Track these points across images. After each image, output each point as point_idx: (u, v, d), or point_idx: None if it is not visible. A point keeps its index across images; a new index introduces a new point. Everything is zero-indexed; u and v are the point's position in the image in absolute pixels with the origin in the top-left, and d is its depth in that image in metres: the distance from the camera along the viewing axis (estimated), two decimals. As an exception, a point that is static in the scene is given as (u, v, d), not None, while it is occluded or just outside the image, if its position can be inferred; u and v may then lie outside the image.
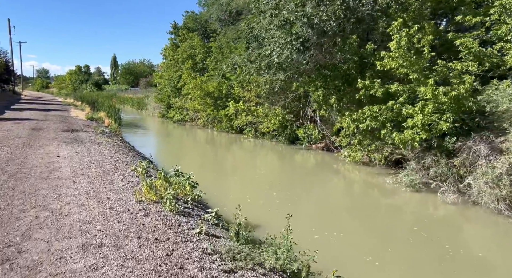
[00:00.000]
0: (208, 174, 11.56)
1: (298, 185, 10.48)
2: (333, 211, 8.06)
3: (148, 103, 37.48)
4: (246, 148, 18.17)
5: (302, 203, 8.25)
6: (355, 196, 9.88)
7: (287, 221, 4.19)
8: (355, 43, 11.37)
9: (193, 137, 21.59)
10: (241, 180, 10.88)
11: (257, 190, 9.29)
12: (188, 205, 5.76)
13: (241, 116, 20.88)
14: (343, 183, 11.37)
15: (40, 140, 10.54)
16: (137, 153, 11.33)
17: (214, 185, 8.83)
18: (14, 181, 6.08)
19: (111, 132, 15.95)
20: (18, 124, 14.16)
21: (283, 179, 11.13)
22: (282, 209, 7.23)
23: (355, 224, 7.18)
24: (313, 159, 15.32)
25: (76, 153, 8.91)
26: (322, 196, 9.50)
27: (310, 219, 7.16)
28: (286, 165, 13.83)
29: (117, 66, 75.27)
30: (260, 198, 8.30)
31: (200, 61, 24.97)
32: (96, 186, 6.05)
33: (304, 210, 7.73)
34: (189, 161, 13.57)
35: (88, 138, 11.69)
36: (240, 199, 8.02)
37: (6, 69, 33.92)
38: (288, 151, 17.06)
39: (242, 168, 13.17)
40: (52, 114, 19.85)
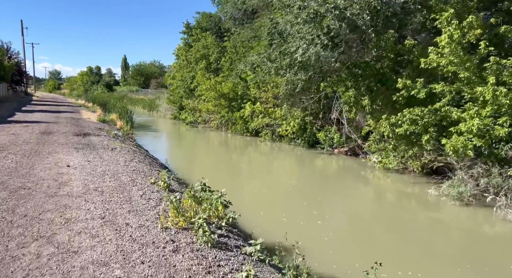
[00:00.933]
0: (227, 181, 10.48)
1: (327, 194, 9.34)
2: (370, 226, 6.90)
3: (160, 105, 36.63)
4: (264, 152, 17.08)
5: (337, 218, 7.11)
6: (391, 208, 8.69)
7: (349, 254, 3.07)
8: (392, 39, 10.20)
9: (207, 140, 20.58)
10: (264, 189, 9.77)
11: (287, 204, 8.18)
12: (223, 232, 4.68)
13: (257, 118, 19.83)
14: (375, 193, 10.19)
15: (49, 146, 9.60)
16: (153, 160, 10.32)
17: (237, 197, 7.73)
18: (15, 199, 5.07)
19: (124, 136, 15.01)
20: (27, 127, 13.29)
21: (310, 188, 9.98)
22: (326, 230, 6.11)
23: (397, 243, 6.02)
24: (337, 164, 14.15)
25: (88, 162, 7.91)
26: (354, 207, 8.33)
27: (352, 238, 6.03)
28: (309, 171, 12.69)
29: (127, 67, 74.94)
30: (295, 215, 7.19)
31: (214, 61, 23.95)
32: (112, 206, 5.02)
33: (345, 227, 6.60)
34: (206, 167, 12.52)
35: (101, 143, 10.73)
36: (274, 217, 6.92)
37: (18, 71, 33.42)
38: (308, 156, 15.94)
39: (263, 174, 12.07)
40: (63, 116, 19.03)
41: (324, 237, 5.93)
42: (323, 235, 6.03)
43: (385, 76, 11.26)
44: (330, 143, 16.24)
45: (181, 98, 28.82)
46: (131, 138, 16.13)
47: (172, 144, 18.65)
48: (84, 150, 9.32)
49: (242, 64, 17.34)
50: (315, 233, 6.15)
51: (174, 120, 30.15)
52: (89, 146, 10.01)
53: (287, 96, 16.49)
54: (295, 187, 10.00)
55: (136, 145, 13.23)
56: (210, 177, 11.07)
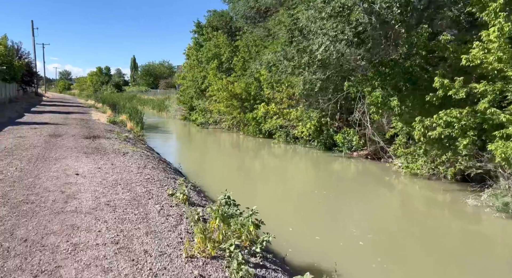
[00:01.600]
0: (244, 188, 9.71)
1: (351, 201, 8.47)
2: (404, 239, 6.04)
3: (169, 105, 36.06)
4: (278, 154, 16.28)
5: (370, 231, 6.26)
6: (423, 218, 7.81)
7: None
8: (426, 34, 9.31)
9: (219, 142, 19.85)
10: (283, 196, 8.94)
11: (311, 214, 7.35)
12: (258, 260, 3.91)
13: (271, 119, 19.04)
14: (402, 201, 9.32)
15: (57, 151, 8.94)
16: (167, 165, 9.60)
17: (260, 207, 6.97)
18: (16, 217, 4.37)
19: (135, 138, 14.36)
20: (35, 130, 12.70)
21: (333, 195, 9.11)
22: (364, 249, 5.27)
23: (435, 260, 5.17)
24: (357, 168, 13.29)
25: (99, 169, 7.21)
26: (383, 218, 7.48)
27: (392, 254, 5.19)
28: (329, 176, 11.84)
29: (136, 68, 74.78)
30: (325, 229, 6.39)
31: (226, 60, 23.21)
32: (127, 227, 4.28)
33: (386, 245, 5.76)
34: (220, 171, 11.77)
35: (111, 147, 10.05)
36: (301, 231, 6.12)
37: (28, 71, 33.13)
38: (325, 159, 15.13)
39: (280, 179, 11.25)
40: (72, 117, 18.48)
41: (364, 257, 5.11)
42: (362, 255, 5.21)
43: (414, 75, 10.38)
44: (348, 146, 15.40)
45: (191, 98, 28.16)
46: (142, 140, 15.49)
47: (184, 147, 17.97)
48: (94, 155, 8.62)
49: (258, 63, 16.55)
50: (353, 253, 5.33)
51: (184, 121, 29.52)
52: (99, 151, 9.32)
53: (304, 97, 15.68)
54: (316, 194, 9.17)
55: (147, 148, 12.55)
56: (225, 183, 10.28)
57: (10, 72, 26.37)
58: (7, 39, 28.38)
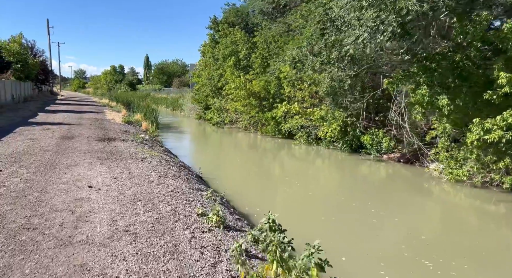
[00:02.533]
0: (268, 193, 8.62)
1: (388, 211, 7.25)
2: (458, 259, 4.83)
3: (184, 104, 35.19)
4: (300, 156, 15.12)
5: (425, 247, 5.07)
6: (477, 232, 6.58)
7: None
8: (485, 23, 8.01)
9: (237, 143, 18.78)
10: (314, 206, 7.77)
11: (341, 226, 6.21)
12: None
13: (292, 119, 17.89)
14: (446, 211, 8.07)
15: (69, 156, 7.99)
16: (188, 172, 8.56)
17: (287, 217, 5.85)
18: (10, 253, 3.35)
19: (151, 139, 13.41)
20: (48, 131, 11.85)
21: (366, 203, 7.90)
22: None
23: None
24: (389, 173, 12.07)
25: (115, 179, 6.20)
26: (425, 230, 6.25)
27: None
28: (358, 181, 10.62)
29: (149, 66, 74.41)
30: (358, 248, 5.23)
31: (244, 58, 22.08)
32: (153, 268, 3.22)
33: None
34: (241, 175, 10.67)
35: (128, 151, 9.07)
36: (332, 250, 4.95)
37: (43, 69, 32.67)
38: (352, 161, 13.94)
39: (307, 185, 10.07)
40: (86, 117, 17.68)
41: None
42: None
43: (465, 70, 9.07)
44: (377, 148, 14.16)
45: (206, 97, 27.17)
46: (158, 141, 14.55)
47: (201, 148, 16.96)
48: (110, 161, 7.64)
49: (280, 59, 15.38)
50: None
51: (199, 120, 28.58)
52: (115, 155, 8.34)
53: (332, 95, 14.45)
54: (344, 201, 7.99)
55: (165, 151, 11.57)
56: (249, 188, 9.15)
57: (24, 70, 25.84)
58: (22, 37, 27.90)
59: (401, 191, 9.69)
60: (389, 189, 9.98)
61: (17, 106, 20.23)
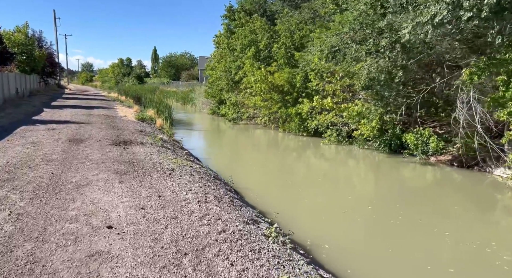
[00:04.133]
0: (315, 209, 6.72)
1: (444, 226, 5.38)
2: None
3: (195, 98, 33.28)
4: (332, 157, 13.20)
5: None
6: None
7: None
8: None
9: (259, 142, 16.88)
10: (353, 212, 5.93)
11: (385, 241, 4.35)
12: None
13: (321, 115, 15.95)
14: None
15: (79, 169, 6.17)
16: (225, 187, 6.71)
17: (333, 233, 4.03)
18: None
19: (170, 140, 11.59)
20: (53, 132, 10.03)
21: (413, 213, 6.03)
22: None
23: None
24: (440, 178, 10.15)
25: (142, 210, 4.37)
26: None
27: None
28: (405, 188, 8.73)
29: (157, 59, 72.37)
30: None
31: (264, 48, 20.02)
32: None
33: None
34: (278, 185, 8.74)
35: (150, 160, 7.23)
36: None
37: (50, 62, 30.78)
38: (393, 164, 12.11)
39: (344, 189, 8.19)
40: (96, 113, 15.85)
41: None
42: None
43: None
44: (423, 149, 12.27)
45: (220, 91, 25.23)
46: (177, 142, 12.75)
47: (222, 148, 15.07)
48: (131, 177, 5.80)
49: (316, 48, 13.35)
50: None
51: (212, 115, 26.71)
52: (135, 167, 6.50)
53: (373, 88, 12.47)
54: (391, 212, 6.10)
55: (188, 156, 9.75)
56: (297, 208, 7.26)
57: (30, 62, 23.98)
58: (27, 27, 25.95)
59: (460, 202, 7.82)
60: (445, 198, 8.08)
61: (21, 101, 18.45)
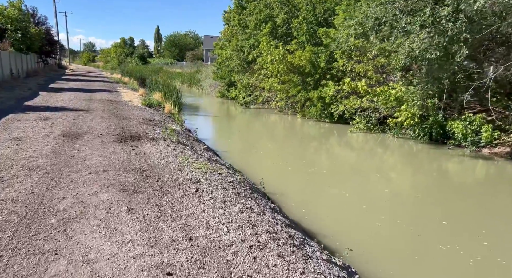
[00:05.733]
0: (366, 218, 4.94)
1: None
2: None
3: (202, 80, 31.05)
4: (367, 148, 11.33)
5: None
6: None
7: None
8: None
9: (279, 130, 14.98)
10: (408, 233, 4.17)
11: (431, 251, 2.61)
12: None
13: (349, 99, 14.03)
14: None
15: (71, 184, 4.37)
16: (273, 207, 4.95)
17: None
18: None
19: (184, 131, 9.75)
20: (45, 122, 8.19)
21: (483, 222, 4.27)
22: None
23: None
24: (496, 173, 8.35)
25: (169, 276, 2.64)
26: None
27: None
28: (456, 184, 6.92)
29: (160, 39, 69.17)
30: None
31: (282, 23, 17.71)
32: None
33: None
34: (312, 183, 6.95)
35: (167, 165, 5.42)
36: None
37: (48, 40, 28.37)
38: (436, 156, 10.48)
39: (387, 183, 6.37)
40: (98, 97, 13.90)
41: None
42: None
43: None
44: (473, 139, 10.56)
45: (230, 72, 23.08)
46: (188, 130, 10.93)
47: (240, 139, 13.19)
48: (144, 199, 4.01)
49: (355, 22, 11.18)
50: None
51: (221, 98, 24.68)
52: (149, 179, 4.70)
53: (426, 67, 10.49)
54: (438, 213, 4.34)
55: (207, 150, 7.94)
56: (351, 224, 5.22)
57: (25, 40, 21.74)
58: (22, 2, 23.47)
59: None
60: (500, 197, 6.29)
61: (16, 83, 16.47)
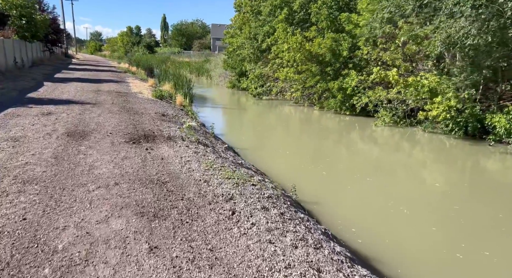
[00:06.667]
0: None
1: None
2: None
3: (211, 70, 29.86)
4: (395, 143, 10.26)
5: None
6: None
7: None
8: None
9: (296, 123, 13.93)
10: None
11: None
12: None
13: (375, 90, 12.92)
14: None
15: (73, 205, 3.42)
16: (323, 230, 3.99)
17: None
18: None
19: (200, 127, 8.77)
20: (48, 118, 7.25)
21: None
22: None
23: None
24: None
25: None
26: None
27: None
28: (500, 186, 5.85)
29: (167, 28, 67.59)
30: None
31: (300, 9, 16.39)
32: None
33: None
34: (351, 189, 5.94)
35: (190, 175, 4.45)
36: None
37: (54, 28, 27.29)
38: (474, 153, 9.50)
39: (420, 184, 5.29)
40: (106, 89, 12.93)
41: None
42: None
43: None
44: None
45: (242, 61, 21.90)
46: (203, 125, 9.97)
47: (258, 134, 12.15)
48: (168, 230, 3.04)
49: (391, 2, 9.91)
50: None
51: (232, 89, 23.57)
52: (171, 197, 3.74)
53: (467, 54, 9.32)
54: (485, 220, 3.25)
55: (227, 150, 6.97)
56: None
57: (30, 28, 20.73)
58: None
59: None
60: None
61: (20, 73, 15.54)
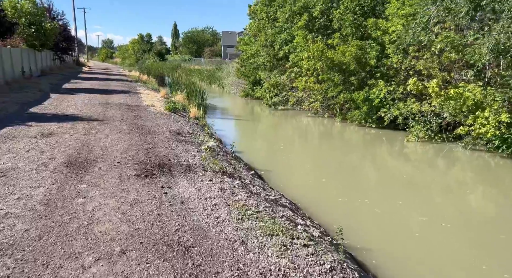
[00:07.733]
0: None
1: None
2: None
3: (224, 77, 28.87)
4: (434, 162, 8.90)
5: None
6: None
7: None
8: None
9: (320, 137, 12.69)
10: None
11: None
12: None
13: (406, 102, 11.69)
14: None
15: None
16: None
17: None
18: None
19: (221, 148, 7.61)
20: (47, 141, 6.20)
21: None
22: None
23: None
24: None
25: None
26: None
27: None
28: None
29: (178, 35, 67.33)
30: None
31: (320, 15, 15.28)
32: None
33: None
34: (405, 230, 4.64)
35: (220, 230, 3.26)
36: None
37: (64, 36, 26.70)
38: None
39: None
40: (116, 101, 11.92)
41: None
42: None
43: None
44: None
45: (256, 69, 20.86)
46: (220, 141, 8.81)
47: (283, 153, 10.91)
48: None
49: (439, 5, 8.66)
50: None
51: (245, 98, 22.51)
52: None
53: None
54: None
55: (254, 178, 5.78)
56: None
57: (39, 36, 20.06)
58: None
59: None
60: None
61: (27, 83, 14.70)
